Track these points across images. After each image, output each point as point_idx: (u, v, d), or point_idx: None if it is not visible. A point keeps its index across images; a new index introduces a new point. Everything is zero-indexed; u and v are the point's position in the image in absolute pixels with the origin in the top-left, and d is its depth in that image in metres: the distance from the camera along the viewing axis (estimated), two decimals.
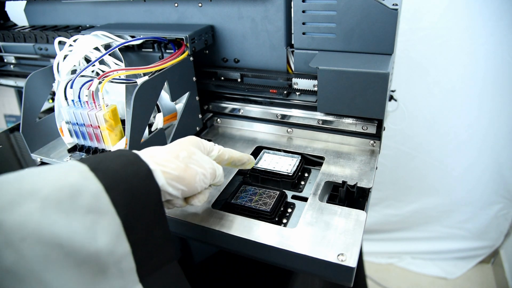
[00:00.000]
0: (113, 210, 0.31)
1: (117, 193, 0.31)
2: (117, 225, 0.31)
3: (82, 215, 0.29)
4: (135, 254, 0.32)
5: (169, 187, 0.37)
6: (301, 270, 0.45)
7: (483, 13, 1.07)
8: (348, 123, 0.63)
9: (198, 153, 0.42)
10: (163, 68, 0.57)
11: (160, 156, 0.38)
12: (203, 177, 0.41)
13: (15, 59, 0.94)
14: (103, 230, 0.30)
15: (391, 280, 1.49)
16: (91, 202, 0.30)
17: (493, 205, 1.38)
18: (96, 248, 0.29)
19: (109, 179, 0.32)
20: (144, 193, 0.34)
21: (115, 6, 0.77)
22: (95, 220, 0.30)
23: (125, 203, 0.32)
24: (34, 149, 0.63)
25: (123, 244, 0.31)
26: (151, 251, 0.34)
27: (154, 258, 0.34)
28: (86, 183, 0.31)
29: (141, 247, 0.33)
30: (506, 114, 1.21)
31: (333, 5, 0.59)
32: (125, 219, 0.31)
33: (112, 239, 0.30)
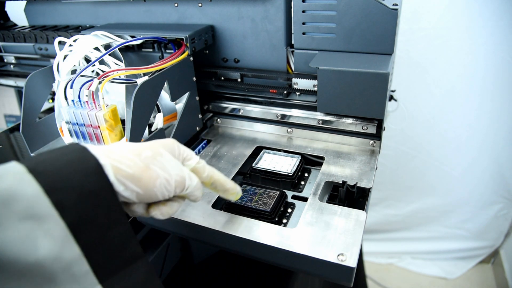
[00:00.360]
0: (56, 213, 0.28)
1: (60, 194, 0.28)
2: (61, 229, 0.28)
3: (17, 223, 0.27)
4: (89, 257, 0.30)
5: (119, 185, 0.33)
6: (301, 270, 0.45)
7: (483, 13, 1.07)
8: (348, 123, 0.63)
9: (166, 156, 0.38)
10: (163, 68, 0.57)
11: (116, 151, 0.34)
12: (165, 183, 0.36)
13: (15, 59, 0.94)
14: (45, 236, 0.27)
15: (391, 280, 1.49)
16: (27, 207, 0.27)
17: (493, 205, 1.38)
18: (37, 256, 0.27)
19: (50, 180, 0.29)
20: (94, 190, 0.30)
21: (115, 6, 0.77)
22: (33, 227, 0.27)
23: (71, 204, 0.29)
24: (34, 149, 0.63)
25: (71, 248, 0.29)
26: (109, 251, 0.31)
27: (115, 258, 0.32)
28: (21, 187, 0.27)
29: (96, 248, 0.30)
30: (506, 114, 1.21)
31: (333, 5, 0.59)
32: (72, 221, 0.28)
33: (56, 244, 0.28)
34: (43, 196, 0.28)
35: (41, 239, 0.27)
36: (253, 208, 0.50)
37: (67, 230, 0.28)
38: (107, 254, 0.31)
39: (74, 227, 0.29)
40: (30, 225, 0.27)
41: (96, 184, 0.31)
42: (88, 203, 0.30)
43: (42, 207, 0.28)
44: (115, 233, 0.32)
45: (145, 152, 0.36)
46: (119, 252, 0.32)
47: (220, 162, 0.62)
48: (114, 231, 0.32)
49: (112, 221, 0.31)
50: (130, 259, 0.33)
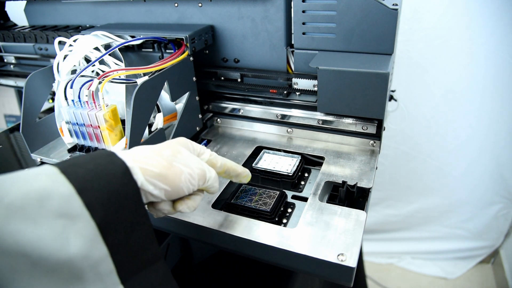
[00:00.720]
0: (87, 213, 0.29)
1: (90, 194, 0.30)
2: (91, 228, 0.29)
3: (52, 220, 0.28)
4: (114, 257, 0.31)
5: (149, 185, 0.34)
6: (301, 270, 0.45)
7: (483, 13, 1.07)
8: (348, 123, 0.63)
9: (184, 152, 0.40)
10: (163, 68, 0.57)
11: (140, 153, 0.36)
12: (189, 177, 0.38)
13: (15, 59, 0.94)
14: (76, 234, 0.28)
15: (391, 280, 1.49)
16: (61, 206, 0.28)
17: (493, 205, 1.38)
18: (69, 254, 0.28)
19: (81, 181, 0.30)
20: (121, 192, 0.32)
21: (115, 6, 0.77)
22: (66, 225, 0.28)
23: (100, 205, 0.30)
24: (34, 149, 0.63)
25: (99, 247, 0.30)
26: (132, 252, 0.33)
27: (137, 259, 0.33)
28: (55, 186, 0.29)
29: (121, 248, 0.31)
30: (506, 114, 1.21)
31: (333, 5, 0.59)
32: (100, 222, 0.30)
33: (86, 243, 0.29)
34: (75, 196, 0.29)
35: (73, 237, 0.28)
36: (253, 208, 0.50)
37: (97, 230, 0.30)
38: (130, 254, 0.32)
39: (102, 227, 0.30)
40: (63, 223, 0.28)
41: (124, 186, 0.32)
42: (116, 204, 0.31)
43: (74, 206, 0.29)
44: (139, 234, 0.33)
45: (165, 151, 0.38)
46: (141, 253, 0.33)
47: None
48: (138, 232, 0.33)
49: (137, 222, 0.33)
50: (150, 260, 0.34)
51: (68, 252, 0.28)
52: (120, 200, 0.31)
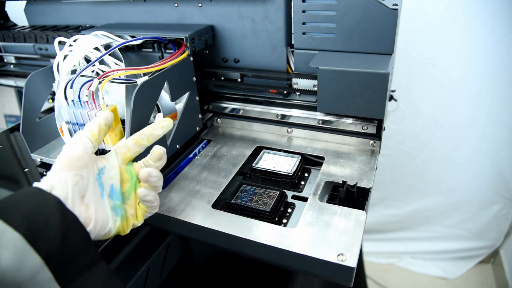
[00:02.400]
0: (9, 228, 0.31)
1: (8, 214, 0.32)
2: (18, 240, 0.31)
3: None
4: (50, 265, 0.32)
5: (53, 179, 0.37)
6: (301, 270, 0.45)
7: (483, 13, 1.07)
8: (348, 123, 0.63)
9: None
10: (163, 68, 0.57)
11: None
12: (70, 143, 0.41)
13: (15, 59, 0.94)
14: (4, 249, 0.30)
15: (391, 280, 1.49)
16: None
17: (493, 205, 1.38)
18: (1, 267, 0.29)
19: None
20: (41, 205, 0.34)
21: (115, 6, 0.77)
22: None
23: (21, 219, 0.32)
24: (34, 149, 0.63)
25: (31, 257, 0.31)
26: (69, 258, 0.34)
27: (75, 264, 0.34)
28: None
29: (56, 256, 0.33)
30: (505, 114, 1.21)
31: (333, 5, 0.59)
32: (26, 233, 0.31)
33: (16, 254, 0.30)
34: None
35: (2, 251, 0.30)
36: (253, 208, 0.50)
37: (24, 241, 0.31)
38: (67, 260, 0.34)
39: (30, 238, 0.31)
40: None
41: (40, 200, 0.35)
42: (39, 216, 0.33)
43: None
44: (72, 240, 0.34)
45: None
46: (78, 258, 0.35)
47: (220, 162, 0.62)
48: (71, 238, 0.34)
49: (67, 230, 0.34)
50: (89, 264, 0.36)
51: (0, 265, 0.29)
52: (41, 212, 0.33)
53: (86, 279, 0.35)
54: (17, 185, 0.64)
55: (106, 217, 0.41)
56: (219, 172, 0.59)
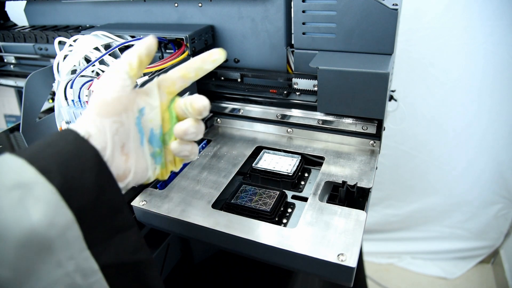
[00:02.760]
0: (43, 178, 0.28)
1: (43, 162, 0.29)
2: (51, 193, 0.28)
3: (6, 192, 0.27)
4: (81, 221, 0.30)
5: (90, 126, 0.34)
6: (301, 270, 0.45)
7: (483, 13, 1.07)
8: (348, 123, 0.63)
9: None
10: (163, 68, 0.57)
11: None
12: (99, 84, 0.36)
13: (15, 59, 0.94)
14: (36, 201, 0.28)
15: (391, 280, 1.49)
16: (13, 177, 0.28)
17: (493, 205, 1.38)
18: (31, 223, 0.27)
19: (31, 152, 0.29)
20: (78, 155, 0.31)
21: (115, 6, 0.77)
22: (23, 194, 0.27)
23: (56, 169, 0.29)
24: None
25: (64, 212, 0.29)
26: (100, 217, 0.31)
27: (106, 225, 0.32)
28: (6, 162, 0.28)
29: (88, 213, 0.30)
30: (505, 114, 1.21)
31: (333, 5, 0.59)
32: (60, 186, 0.29)
33: (49, 209, 0.28)
34: (27, 165, 0.29)
35: (33, 205, 0.27)
36: (253, 208, 0.50)
37: (58, 195, 0.29)
38: (98, 220, 0.31)
39: (64, 191, 0.29)
40: (19, 192, 0.27)
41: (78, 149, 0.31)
42: (74, 167, 0.30)
43: (28, 174, 0.28)
44: (107, 198, 0.32)
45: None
46: (110, 219, 0.32)
47: (220, 162, 0.62)
48: (105, 196, 0.32)
49: (103, 186, 0.32)
50: (120, 227, 0.33)
51: (30, 220, 0.27)
52: (77, 162, 0.31)
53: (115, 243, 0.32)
54: None
55: (146, 166, 0.38)
56: (219, 172, 0.59)
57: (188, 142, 0.40)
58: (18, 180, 0.28)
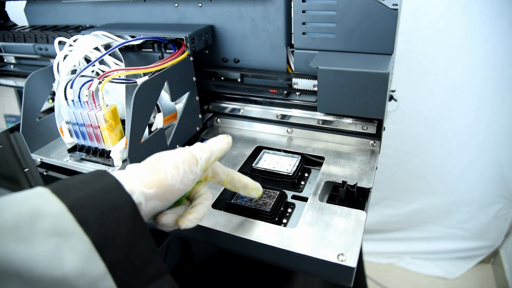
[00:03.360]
0: (80, 229, 0.29)
1: (83, 211, 0.29)
2: (86, 244, 0.29)
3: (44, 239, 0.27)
4: (114, 274, 0.30)
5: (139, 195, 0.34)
6: (301, 270, 0.45)
7: (483, 13, 1.07)
8: (348, 123, 0.63)
9: (166, 155, 0.38)
10: (163, 68, 0.57)
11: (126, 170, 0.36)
12: (175, 172, 0.36)
13: (15, 59, 0.94)
14: (70, 252, 0.28)
15: (391, 280, 1.49)
16: (53, 224, 0.28)
17: (493, 205, 1.38)
18: (63, 271, 0.27)
19: (72, 199, 0.30)
20: (116, 208, 0.31)
21: (115, 6, 0.77)
22: (59, 243, 0.28)
23: (94, 221, 0.30)
24: (34, 149, 0.63)
25: (96, 264, 0.29)
26: (133, 268, 0.32)
27: (139, 275, 0.32)
28: (46, 206, 0.29)
29: (121, 265, 0.31)
30: (506, 114, 1.21)
31: (333, 5, 0.59)
32: (95, 238, 0.29)
33: (82, 260, 0.28)
34: (67, 213, 0.29)
35: (67, 255, 0.28)
36: (253, 208, 0.50)
37: (92, 246, 0.29)
38: (131, 270, 0.32)
39: (98, 243, 0.29)
40: (56, 241, 0.28)
41: (118, 200, 0.32)
42: (111, 219, 0.31)
43: (66, 223, 0.29)
44: (139, 250, 0.32)
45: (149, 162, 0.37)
46: (143, 269, 0.32)
47: (220, 162, 0.61)
48: (138, 247, 0.32)
49: (136, 237, 0.32)
50: (153, 276, 0.33)
51: (63, 270, 0.27)
52: (116, 215, 0.31)
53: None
54: (17, 185, 0.64)
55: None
56: None
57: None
58: (57, 228, 0.28)
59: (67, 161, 0.60)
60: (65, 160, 0.60)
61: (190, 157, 0.38)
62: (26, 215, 0.28)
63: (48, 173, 0.63)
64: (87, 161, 0.59)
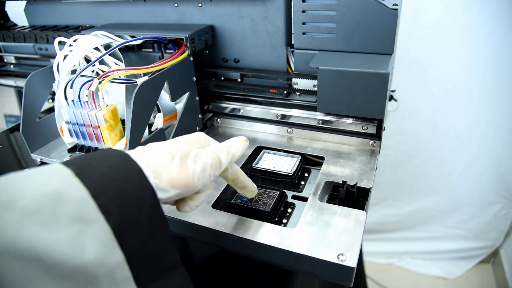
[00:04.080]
0: (102, 217, 0.28)
1: (105, 198, 0.29)
2: (106, 233, 0.28)
3: (67, 225, 0.27)
4: (131, 263, 0.30)
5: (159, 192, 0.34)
6: (301, 270, 0.45)
7: (483, 13, 1.07)
8: (348, 123, 0.63)
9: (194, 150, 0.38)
10: (163, 68, 0.57)
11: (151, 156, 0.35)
12: (203, 173, 0.37)
13: (15, 59, 0.94)
14: (91, 239, 0.28)
15: (391, 280, 1.49)
16: (76, 210, 0.28)
17: (493, 205, 1.38)
18: (83, 259, 0.27)
19: (95, 184, 0.29)
20: (137, 196, 0.31)
21: (115, 6, 0.77)
22: (81, 230, 0.27)
23: (116, 209, 0.29)
24: (34, 149, 0.63)
25: (115, 253, 0.29)
26: (150, 258, 0.31)
27: (155, 265, 0.32)
28: (70, 190, 0.28)
29: (138, 254, 0.30)
30: (506, 114, 1.21)
31: (333, 5, 0.59)
32: (116, 226, 0.29)
33: (102, 248, 0.28)
34: (90, 199, 0.28)
35: (88, 243, 0.27)
36: (253, 208, 0.50)
37: (112, 235, 0.29)
38: (148, 260, 0.31)
39: (118, 232, 0.29)
40: (78, 227, 0.27)
41: (139, 189, 0.31)
42: (132, 208, 0.30)
43: (89, 210, 0.28)
44: (157, 240, 0.32)
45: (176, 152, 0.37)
46: (159, 259, 0.32)
47: None
48: (156, 237, 0.32)
49: (155, 227, 0.32)
50: (169, 266, 0.33)
51: (83, 257, 0.27)
52: (136, 204, 0.31)
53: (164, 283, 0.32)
54: None
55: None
56: None
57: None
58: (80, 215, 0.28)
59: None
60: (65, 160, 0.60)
61: (217, 162, 0.39)
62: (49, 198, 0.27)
63: None
64: None
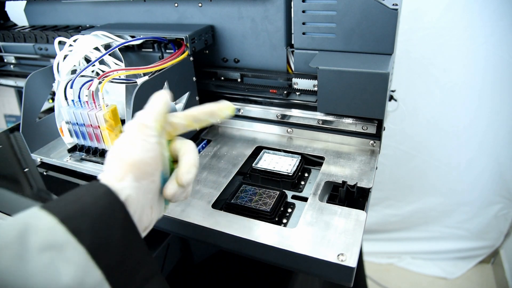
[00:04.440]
0: (73, 239, 0.28)
1: (74, 221, 0.29)
2: (81, 254, 0.28)
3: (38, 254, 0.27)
4: (111, 280, 0.30)
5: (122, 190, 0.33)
6: (301, 270, 0.45)
7: (483, 13, 1.07)
8: (348, 123, 0.63)
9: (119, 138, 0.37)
10: (163, 68, 0.57)
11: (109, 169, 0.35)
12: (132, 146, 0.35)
13: (15, 59, 0.94)
14: (67, 263, 0.28)
15: (391, 280, 1.49)
16: (46, 238, 0.28)
17: (493, 205, 1.38)
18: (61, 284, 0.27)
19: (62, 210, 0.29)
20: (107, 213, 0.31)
21: (115, 6, 0.77)
22: (54, 256, 0.27)
23: (86, 229, 0.29)
24: (34, 149, 0.63)
25: (93, 272, 0.29)
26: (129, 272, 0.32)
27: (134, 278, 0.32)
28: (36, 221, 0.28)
29: (117, 270, 0.30)
30: (506, 114, 1.21)
31: (333, 5, 0.59)
32: (90, 246, 0.29)
33: (79, 270, 0.28)
34: (58, 225, 0.28)
35: (63, 267, 0.27)
36: (253, 208, 0.50)
37: (87, 255, 0.29)
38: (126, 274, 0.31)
39: (93, 251, 0.29)
40: (50, 254, 0.27)
41: (108, 206, 0.31)
42: (104, 226, 0.30)
43: (59, 235, 0.28)
44: (133, 252, 0.32)
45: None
46: (137, 272, 0.32)
47: (220, 162, 0.62)
48: (132, 251, 0.32)
49: (129, 240, 0.32)
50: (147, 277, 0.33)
51: (61, 282, 0.27)
52: (107, 220, 0.31)
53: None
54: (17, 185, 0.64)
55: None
56: (219, 172, 0.59)
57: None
58: (50, 241, 0.28)
59: (67, 161, 0.60)
60: (65, 160, 0.60)
61: (138, 126, 0.37)
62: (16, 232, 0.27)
63: (48, 173, 0.63)
64: (87, 161, 0.59)
